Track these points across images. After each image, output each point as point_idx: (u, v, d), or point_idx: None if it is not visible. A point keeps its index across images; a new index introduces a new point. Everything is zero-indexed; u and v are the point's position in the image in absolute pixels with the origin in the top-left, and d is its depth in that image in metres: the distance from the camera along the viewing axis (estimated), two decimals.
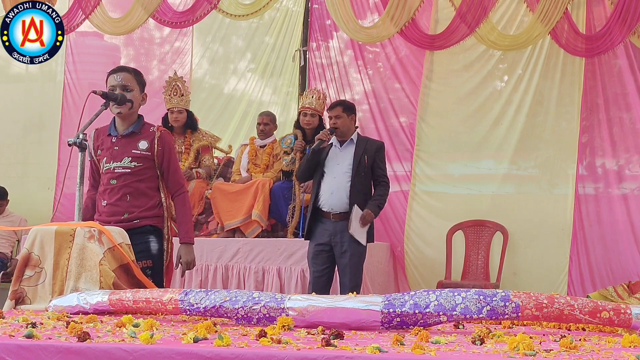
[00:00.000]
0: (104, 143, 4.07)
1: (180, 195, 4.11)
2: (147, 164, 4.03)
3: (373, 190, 5.73)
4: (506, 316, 2.69)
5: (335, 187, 5.63)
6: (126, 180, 4.00)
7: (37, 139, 8.67)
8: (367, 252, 5.90)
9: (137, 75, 4.14)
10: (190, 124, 7.05)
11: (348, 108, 5.77)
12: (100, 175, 4.09)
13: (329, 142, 5.74)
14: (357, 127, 7.48)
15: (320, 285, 5.57)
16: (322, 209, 5.65)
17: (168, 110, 6.94)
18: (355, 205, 5.52)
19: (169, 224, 4.12)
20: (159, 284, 3.98)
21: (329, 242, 5.63)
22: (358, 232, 5.55)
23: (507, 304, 2.66)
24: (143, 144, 4.03)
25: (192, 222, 4.19)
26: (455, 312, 2.68)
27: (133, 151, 4.01)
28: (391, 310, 2.72)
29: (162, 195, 4.08)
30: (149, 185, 4.05)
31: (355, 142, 5.73)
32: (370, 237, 5.70)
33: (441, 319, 2.71)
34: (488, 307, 2.67)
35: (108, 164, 4.02)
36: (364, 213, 5.55)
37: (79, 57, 8.67)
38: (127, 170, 4.00)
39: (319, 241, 5.65)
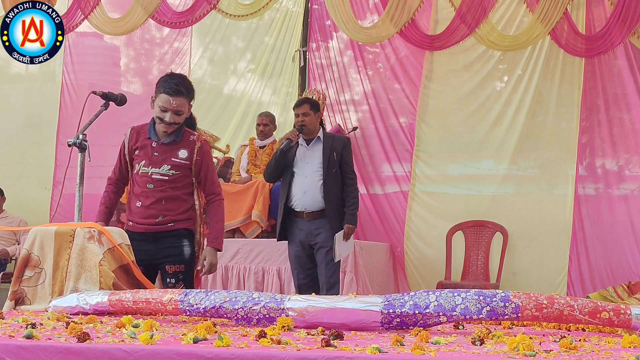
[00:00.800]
0: (144, 146, 3.99)
1: (215, 202, 4.12)
2: (185, 172, 4.00)
3: (343, 186, 5.66)
4: (506, 317, 2.69)
5: (307, 186, 5.57)
6: (163, 186, 3.98)
7: (36, 139, 8.67)
8: (367, 252, 5.90)
9: (190, 96, 4.00)
10: (189, 123, 7.04)
11: (314, 106, 5.76)
12: (134, 175, 4.02)
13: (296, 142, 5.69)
14: (356, 128, 7.52)
15: (307, 288, 5.52)
16: (295, 209, 5.59)
17: None
18: (336, 235, 5.50)
19: (202, 226, 4.14)
20: (189, 288, 4.01)
21: (307, 242, 5.59)
22: (344, 251, 5.57)
23: (507, 304, 2.66)
24: (183, 153, 3.99)
25: (223, 228, 4.18)
26: (455, 313, 2.68)
27: (173, 159, 3.97)
28: (391, 310, 2.72)
29: (196, 199, 4.10)
30: (184, 192, 4.04)
31: (322, 139, 5.69)
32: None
33: (441, 319, 2.71)
34: (488, 308, 2.67)
35: (146, 168, 3.96)
36: (345, 230, 5.54)
37: (77, 58, 8.67)
38: (165, 178, 3.96)
39: (297, 243, 5.61)
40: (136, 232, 3.92)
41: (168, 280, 3.98)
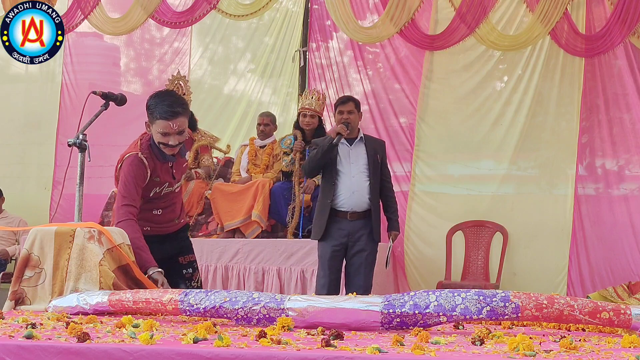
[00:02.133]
0: (162, 171, 3.93)
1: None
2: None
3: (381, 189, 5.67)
4: (506, 317, 2.69)
5: (356, 186, 5.51)
6: (178, 193, 4.13)
7: (36, 139, 8.68)
8: None
9: (187, 112, 3.89)
10: (191, 124, 7.04)
11: (358, 104, 5.71)
12: (153, 194, 3.95)
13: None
14: None
15: (335, 287, 5.50)
16: (339, 209, 5.51)
17: None
18: (391, 241, 5.65)
19: None
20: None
21: (346, 242, 5.52)
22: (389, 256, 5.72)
23: (507, 304, 2.66)
24: (187, 155, 4.14)
25: None
26: (455, 313, 2.68)
27: (184, 165, 4.10)
28: (391, 310, 2.72)
29: None
30: (182, 189, 4.25)
31: (364, 140, 5.66)
32: (379, 237, 5.66)
33: (441, 319, 2.71)
34: (488, 308, 2.67)
35: (170, 188, 3.99)
36: (393, 236, 5.68)
37: (77, 58, 8.67)
38: (180, 186, 4.11)
39: (336, 242, 5.51)
40: (154, 235, 3.94)
41: (185, 271, 4.09)
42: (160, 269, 3.68)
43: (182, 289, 3.37)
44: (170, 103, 3.74)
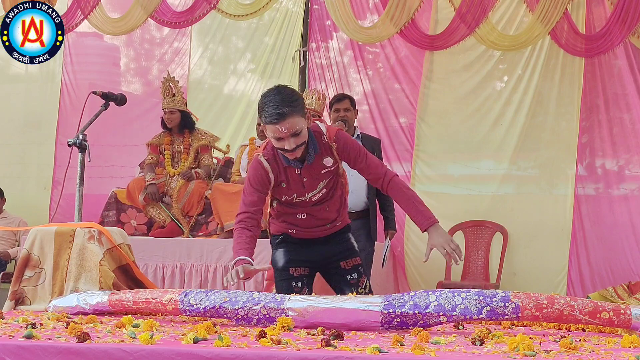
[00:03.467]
0: (289, 177, 3.48)
1: (392, 181, 3.54)
2: (334, 176, 3.62)
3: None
4: (506, 317, 2.69)
5: (354, 185, 5.37)
6: (323, 199, 3.62)
7: (36, 139, 8.68)
8: None
9: (299, 108, 3.32)
10: (186, 123, 7.04)
11: (354, 102, 5.70)
12: (284, 201, 3.60)
13: None
14: (355, 128, 7.51)
15: None
16: None
17: (163, 110, 6.96)
18: (388, 241, 5.63)
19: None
20: (369, 279, 3.76)
21: None
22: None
23: (507, 304, 2.67)
24: (328, 161, 3.50)
25: (422, 202, 3.52)
26: (455, 313, 2.69)
27: (323, 172, 3.51)
28: (391, 310, 2.72)
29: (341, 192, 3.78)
30: (337, 191, 3.70)
31: (361, 138, 5.64)
32: (376, 236, 5.65)
33: (441, 319, 2.71)
34: (488, 308, 2.67)
35: (302, 197, 3.53)
36: (390, 236, 5.69)
37: (77, 58, 8.67)
38: (323, 192, 3.57)
39: None
40: (302, 239, 3.68)
41: (349, 276, 3.70)
42: (246, 259, 3.32)
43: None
44: (275, 104, 3.31)
